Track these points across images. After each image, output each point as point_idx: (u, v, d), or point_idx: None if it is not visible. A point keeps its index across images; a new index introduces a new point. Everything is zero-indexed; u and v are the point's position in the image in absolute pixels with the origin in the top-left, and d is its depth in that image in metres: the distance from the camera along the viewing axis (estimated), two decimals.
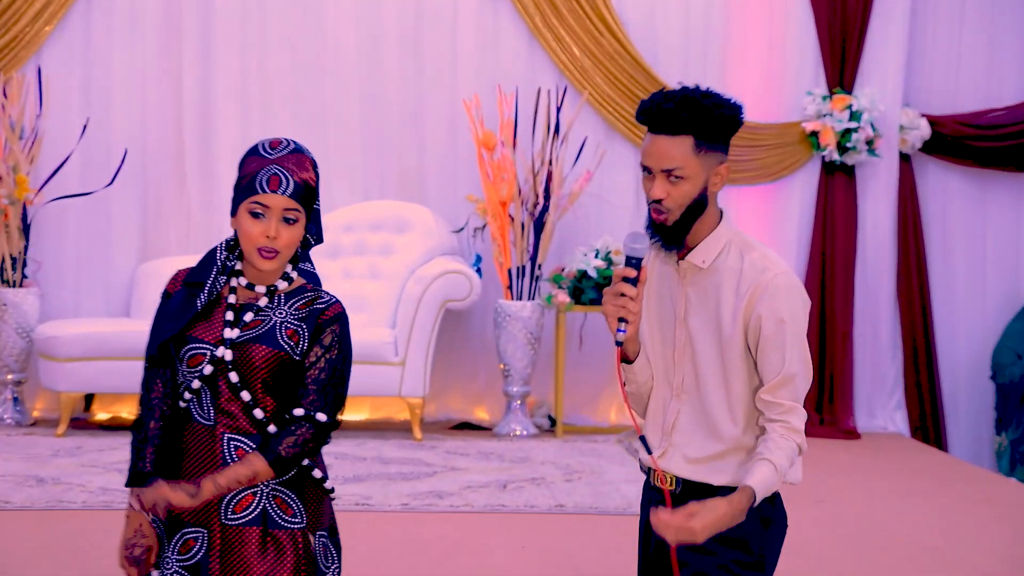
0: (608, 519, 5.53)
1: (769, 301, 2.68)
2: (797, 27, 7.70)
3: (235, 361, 2.70)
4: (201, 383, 2.72)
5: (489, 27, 7.62)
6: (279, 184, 2.69)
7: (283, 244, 2.71)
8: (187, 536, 2.74)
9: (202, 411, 2.74)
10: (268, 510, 2.73)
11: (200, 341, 2.73)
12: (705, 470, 2.77)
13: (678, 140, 2.70)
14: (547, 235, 7.23)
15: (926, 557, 5.23)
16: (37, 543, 5.01)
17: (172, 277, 2.85)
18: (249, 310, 2.76)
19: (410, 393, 7.02)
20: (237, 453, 2.71)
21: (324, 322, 2.75)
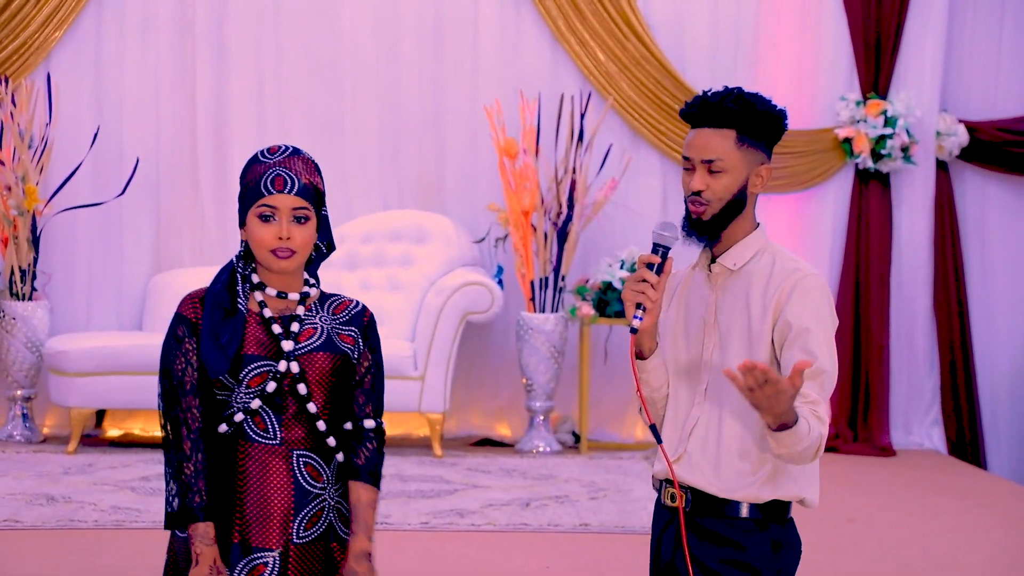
0: (635, 538, 5.47)
1: (798, 299, 2.70)
2: (830, 30, 7.63)
3: (302, 373, 2.71)
4: (261, 402, 2.70)
5: (511, 31, 7.58)
6: (284, 184, 2.70)
7: (297, 244, 2.71)
8: (256, 562, 2.70)
9: (264, 431, 2.72)
10: (333, 522, 2.76)
11: (259, 358, 2.70)
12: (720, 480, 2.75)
13: (721, 132, 2.76)
14: (571, 245, 7.16)
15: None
16: (48, 563, 4.98)
17: (187, 301, 2.76)
18: (292, 320, 2.75)
19: (430, 408, 6.96)
20: (307, 470, 2.72)
21: (369, 325, 2.82)
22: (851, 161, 7.61)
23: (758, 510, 2.73)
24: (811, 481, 2.77)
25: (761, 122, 2.75)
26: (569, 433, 7.46)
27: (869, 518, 5.99)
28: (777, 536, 2.75)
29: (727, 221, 2.77)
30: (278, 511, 2.70)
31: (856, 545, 5.51)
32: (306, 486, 2.72)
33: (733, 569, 2.73)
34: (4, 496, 5.86)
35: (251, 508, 2.69)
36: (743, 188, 2.76)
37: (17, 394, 7.11)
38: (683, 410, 2.81)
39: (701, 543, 2.75)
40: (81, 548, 5.17)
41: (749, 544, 2.72)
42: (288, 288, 2.78)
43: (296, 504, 2.71)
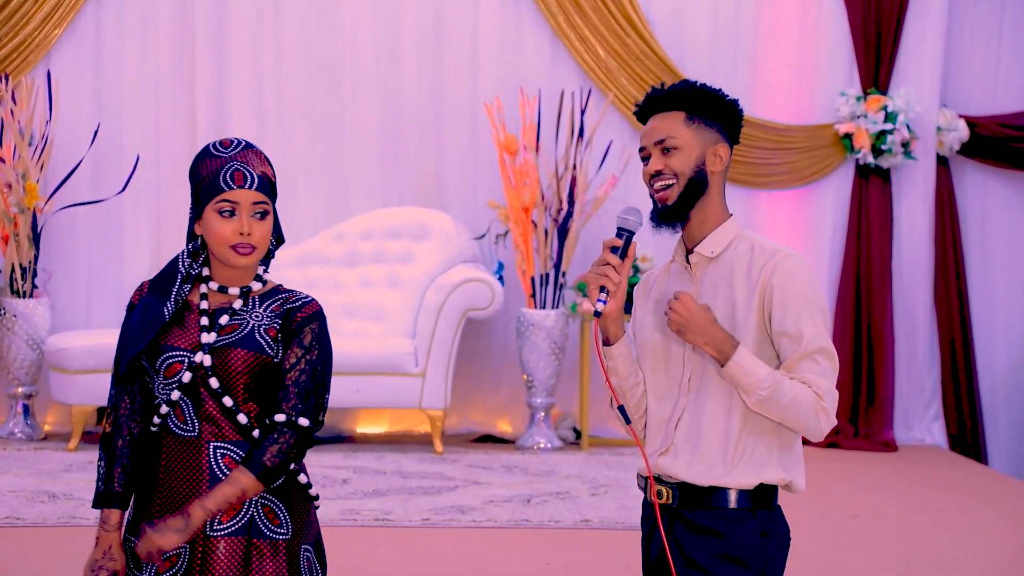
0: (635, 534, 5.30)
1: (782, 279, 2.69)
2: (830, 25, 7.61)
3: (215, 366, 2.66)
4: (181, 393, 2.67)
5: (511, 27, 7.56)
6: (244, 179, 2.68)
7: (257, 239, 2.69)
8: (169, 553, 2.65)
9: (183, 423, 2.69)
10: (255, 519, 2.68)
11: (176, 349, 2.68)
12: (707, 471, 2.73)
13: (669, 114, 2.79)
14: (571, 242, 7.14)
15: (964, 574, 5.12)
16: (50, 560, 4.97)
17: (137, 288, 2.80)
18: (224, 313, 2.72)
19: (431, 405, 6.94)
20: (224, 461, 2.67)
21: (302, 320, 2.71)
22: (851, 157, 7.59)
23: (745, 498, 2.71)
24: (796, 465, 2.76)
25: (708, 102, 2.76)
26: (570, 429, 7.45)
27: (871, 514, 5.98)
28: (765, 525, 2.73)
29: (692, 201, 2.75)
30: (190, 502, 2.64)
31: (858, 541, 5.50)
32: (222, 477, 2.66)
33: (722, 561, 2.70)
34: (5, 493, 5.84)
35: (165, 498, 2.67)
36: (701, 167, 2.75)
37: (18, 391, 7.10)
38: (668, 404, 2.79)
39: (689, 538, 2.73)
40: (82, 546, 5.08)
41: (736, 535, 2.70)
42: (234, 283, 2.75)
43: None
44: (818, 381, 2.65)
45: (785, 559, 2.79)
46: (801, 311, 2.67)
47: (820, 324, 2.68)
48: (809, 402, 2.64)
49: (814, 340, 2.67)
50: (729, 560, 2.70)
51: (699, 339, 2.67)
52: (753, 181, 7.57)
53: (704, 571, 2.71)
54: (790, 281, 2.68)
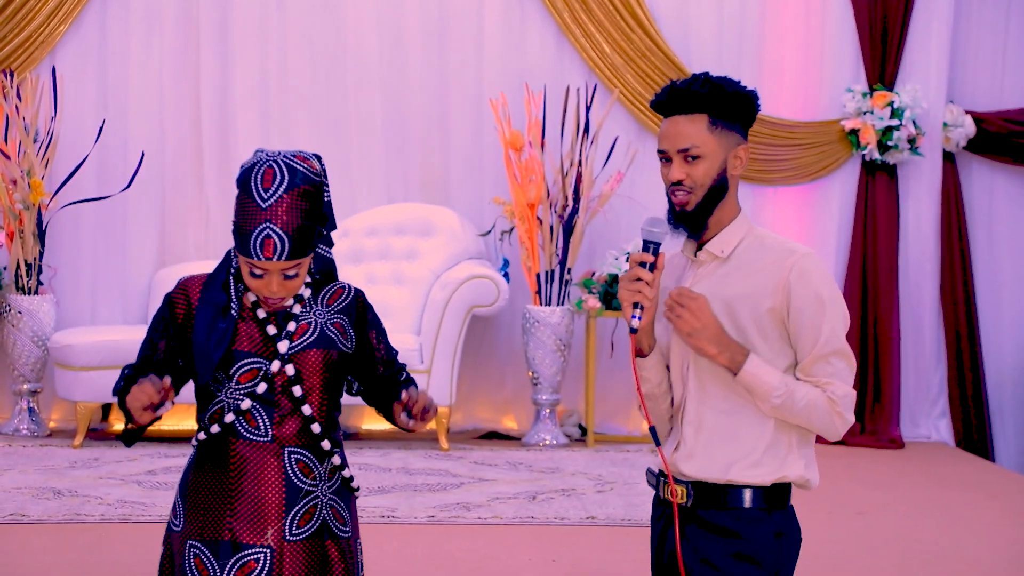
0: (641, 531, 5.35)
1: (800, 280, 2.67)
2: (836, 21, 7.59)
3: (297, 373, 2.67)
4: (252, 401, 2.66)
5: (516, 23, 7.55)
6: (274, 250, 2.60)
7: (287, 293, 2.68)
8: (247, 558, 2.66)
9: (255, 428, 2.68)
10: (327, 520, 2.72)
11: (250, 355, 2.67)
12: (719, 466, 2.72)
13: (693, 118, 2.73)
14: (577, 238, 7.13)
15: (971, 571, 5.11)
16: (55, 558, 4.96)
17: (179, 287, 2.75)
18: (289, 319, 2.71)
19: (436, 402, 6.84)
20: (298, 466, 2.69)
21: (363, 307, 2.80)
22: (858, 153, 7.57)
23: (761, 498, 2.70)
24: (812, 461, 2.75)
25: (732, 103, 2.72)
26: (575, 426, 7.44)
27: (878, 511, 5.96)
28: (779, 525, 2.72)
29: (712, 208, 2.74)
30: (269, 508, 2.66)
31: (865, 538, 5.49)
32: (297, 483, 2.68)
33: (737, 561, 2.69)
34: (10, 490, 5.84)
35: (241, 505, 2.66)
36: (723, 172, 2.73)
37: (23, 388, 7.10)
38: (679, 402, 2.79)
39: (704, 537, 2.72)
40: (87, 542, 5.15)
41: (752, 535, 2.69)
42: None
43: (287, 501, 2.67)
44: (833, 384, 2.66)
45: (795, 560, 2.78)
46: (818, 312, 2.67)
47: (837, 325, 2.69)
48: (823, 407, 2.65)
49: (829, 342, 2.67)
50: (744, 560, 2.69)
51: (711, 348, 2.67)
52: (759, 177, 7.56)
53: (718, 570, 2.70)
54: (808, 282, 2.67)
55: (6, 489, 5.86)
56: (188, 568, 2.68)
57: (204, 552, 2.68)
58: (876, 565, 5.14)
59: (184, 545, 2.69)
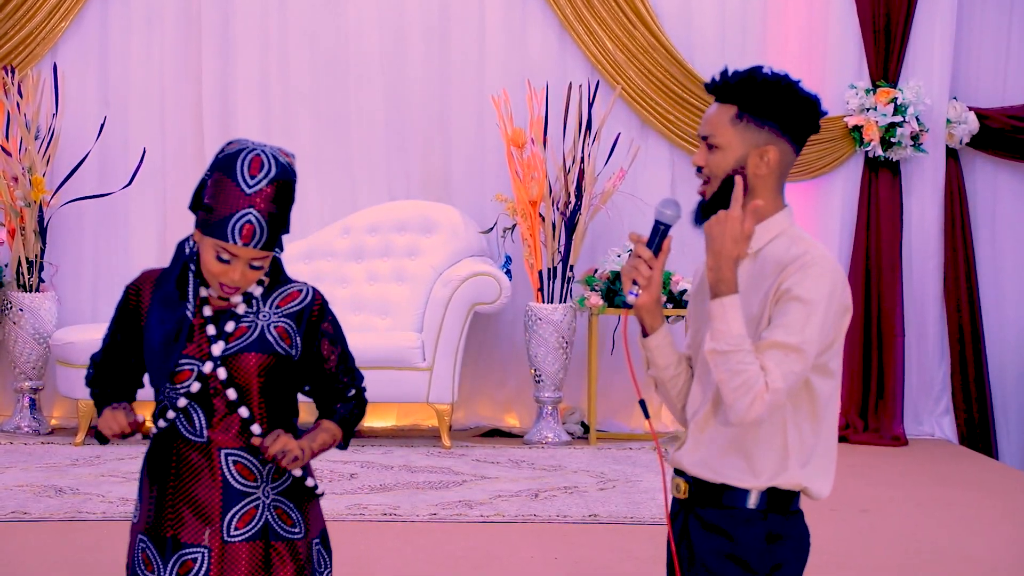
0: (644, 529, 5.45)
1: (794, 276, 2.58)
2: (838, 17, 7.58)
3: (229, 376, 2.63)
4: (188, 400, 2.65)
5: (518, 20, 7.54)
6: (252, 237, 2.58)
7: (245, 284, 2.64)
8: (185, 557, 2.66)
9: (192, 428, 2.67)
10: (269, 521, 2.69)
11: (185, 357, 2.64)
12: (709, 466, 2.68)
13: (723, 107, 2.67)
14: (579, 235, 7.12)
15: (974, 569, 5.10)
16: (56, 555, 4.97)
17: (137, 280, 2.74)
18: (228, 319, 2.66)
19: (438, 399, 6.93)
20: (236, 468, 2.66)
21: (318, 317, 2.73)
22: (861, 149, 7.55)
23: (758, 499, 2.64)
24: (819, 470, 2.66)
25: (762, 98, 2.61)
26: (578, 424, 7.42)
27: (881, 509, 5.96)
28: (776, 528, 2.65)
29: (724, 203, 2.64)
30: (206, 508, 2.65)
31: (868, 535, 5.48)
32: (235, 485, 2.66)
33: (727, 562, 2.64)
34: (12, 488, 5.84)
35: (180, 504, 2.66)
36: (740, 169, 2.63)
37: (25, 385, 7.10)
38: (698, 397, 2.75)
39: (700, 534, 2.68)
40: (88, 540, 5.15)
41: (741, 536, 2.64)
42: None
43: (224, 502, 2.66)
44: (776, 373, 2.53)
45: (802, 565, 2.70)
46: (797, 307, 2.57)
47: (812, 328, 2.56)
48: (750, 383, 2.52)
49: (793, 335, 2.55)
50: (733, 560, 2.65)
51: (712, 259, 2.58)
52: None
53: (709, 571, 2.66)
54: (800, 282, 2.58)
55: (7, 487, 5.86)
56: (136, 563, 2.71)
57: (150, 547, 2.70)
58: (879, 562, 5.13)
59: (135, 538, 2.73)
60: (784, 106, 2.63)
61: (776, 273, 2.62)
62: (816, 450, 2.66)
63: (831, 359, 2.65)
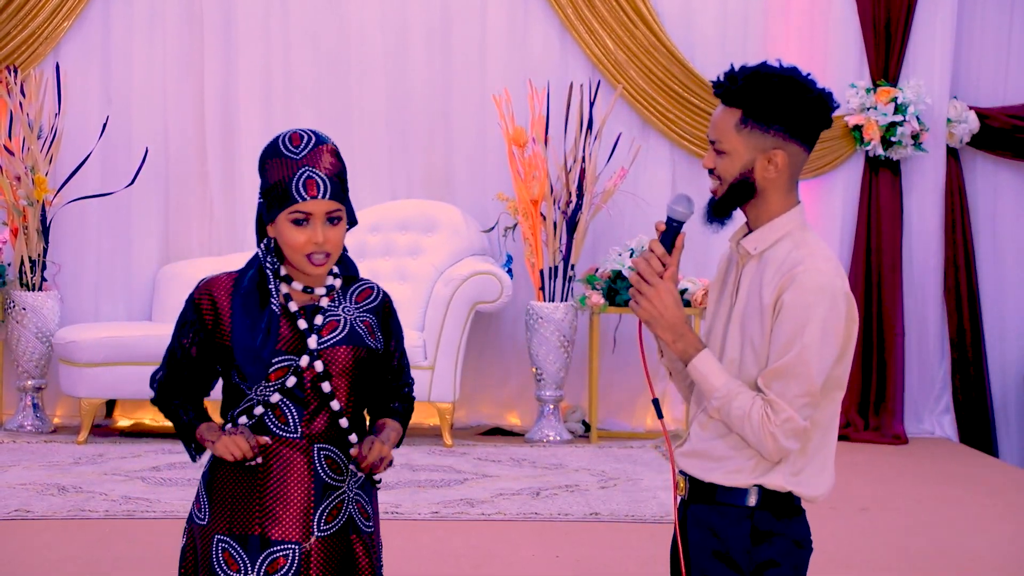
0: (645, 527, 5.45)
1: (789, 290, 2.54)
2: (839, 17, 7.57)
3: (326, 370, 2.66)
4: (281, 396, 2.66)
5: (519, 19, 7.54)
6: (317, 188, 2.62)
7: (332, 247, 2.65)
8: (276, 555, 2.66)
9: (284, 424, 2.68)
10: (353, 515, 2.72)
11: (280, 353, 2.65)
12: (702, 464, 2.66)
13: (728, 111, 2.63)
14: (580, 234, 7.12)
15: (974, 567, 5.10)
16: (59, 553, 4.97)
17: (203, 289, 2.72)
18: (316, 313, 2.69)
19: (439, 398, 6.93)
20: (326, 463, 2.68)
21: (389, 310, 2.80)
22: (861, 148, 7.55)
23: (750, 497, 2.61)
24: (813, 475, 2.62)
25: (769, 102, 2.55)
26: (579, 422, 7.42)
27: (882, 507, 5.96)
28: (764, 526, 2.62)
29: (734, 204, 2.63)
30: (298, 504, 2.66)
31: (868, 534, 5.48)
32: (326, 479, 2.68)
33: (715, 560, 2.63)
34: (15, 486, 5.84)
35: (270, 501, 2.66)
36: (747, 173, 2.60)
37: (28, 384, 7.09)
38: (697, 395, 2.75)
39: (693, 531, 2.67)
40: (91, 538, 5.15)
41: (727, 533, 2.62)
42: (314, 283, 2.72)
43: (316, 497, 2.67)
44: (777, 404, 2.53)
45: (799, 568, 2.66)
46: (797, 328, 2.53)
47: (812, 353, 2.53)
48: (756, 423, 2.53)
49: (787, 356, 2.53)
50: (719, 558, 2.63)
51: (668, 335, 2.61)
52: None
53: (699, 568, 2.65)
54: (799, 296, 2.54)
55: (11, 485, 5.86)
56: (217, 563, 2.67)
57: (233, 547, 2.67)
58: (879, 561, 5.13)
59: (211, 540, 2.69)
60: (791, 109, 2.58)
61: (776, 278, 2.59)
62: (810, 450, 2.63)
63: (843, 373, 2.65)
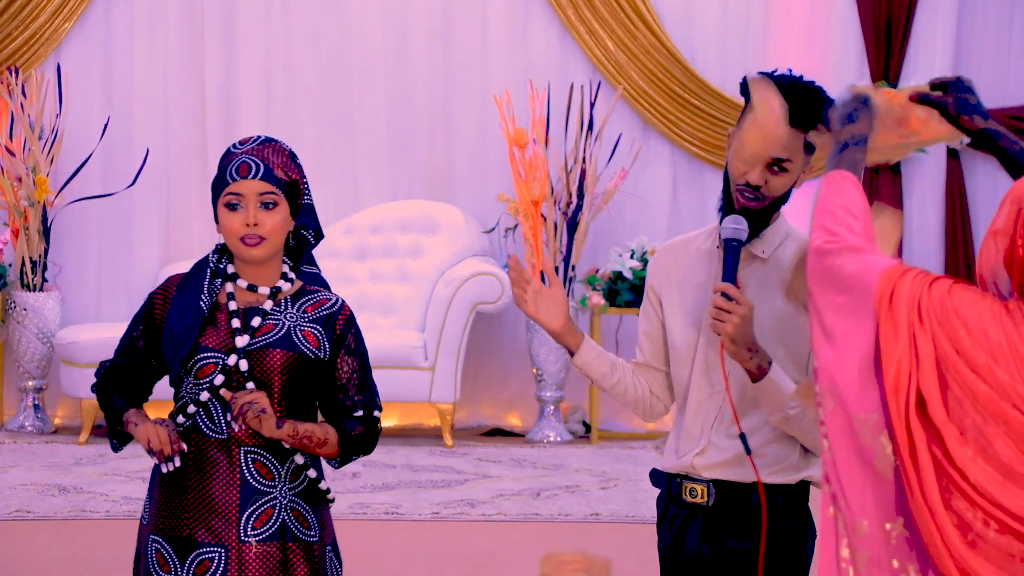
0: (645, 527, 5.37)
1: None
2: (839, 18, 7.56)
3: (251, 370, 2.63)
4: (210, 395, 2.64)
5: (520, 20, 7.53)
6: (248, 169, 2.64)
7: (266, 230, 2.64)
8: (202, 556, 2.65)
9: (214, 424, 2.66)
10: (286, 522, 2.67)
11: (209, 349, 2.64)
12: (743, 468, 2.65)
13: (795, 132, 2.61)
14: (581, 235, 7.12)
15: None
16: (60, 553, 4.98)
17: (162, 285, 2.75)
18: (256, 314, 2.67)
19: (440, 399, 6.92)
20: (255, 466, 2.65)
21: (344, 326, 2.73)
22: None
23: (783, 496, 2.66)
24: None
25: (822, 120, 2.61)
26: (579, 423, 7.41)
27: None
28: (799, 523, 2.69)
29: (772, 214, 2.67)
30: (223, 507, 2.64)
31: None
32: (253, 483, 2.65)
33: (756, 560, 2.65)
34: (16, 486, 5.84)
35: (197, 502, 2.65)
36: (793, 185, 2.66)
37: (28, 385, 7.09)
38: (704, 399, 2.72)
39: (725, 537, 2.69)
40: (92, 538, 5.16)
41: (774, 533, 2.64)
42: (261, 281, 2.72)
43: (241, 501, 2.64)
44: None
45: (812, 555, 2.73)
46: None
47: None
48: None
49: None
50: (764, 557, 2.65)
51: (746, 353, 2.57)
52: None
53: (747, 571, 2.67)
54: None
55: (11, 485, 5.86)
56: (150, 563, 2.68)
57: (165, 547, 2.68)
58: None
59: (147, 540, 2.71)
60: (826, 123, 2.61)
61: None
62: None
63: None
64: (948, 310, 1.94)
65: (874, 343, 1.97)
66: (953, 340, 1.93)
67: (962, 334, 1.93)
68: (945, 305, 1.94)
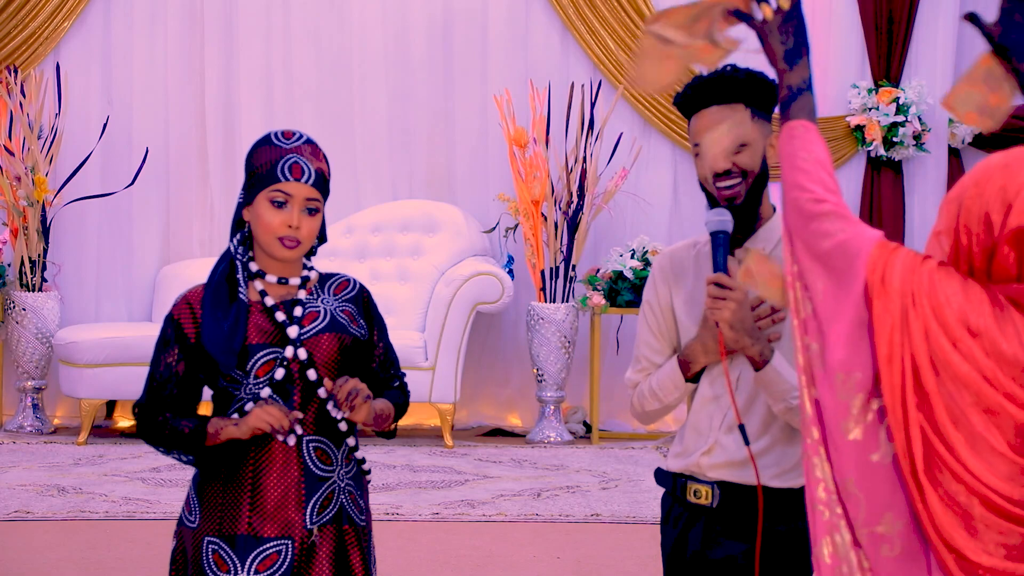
0: (646, 528, 5.45)
1: None
2: (841, 17, 7.56)
3: (310, 357, 2.65)
4: (271, 390, 2.65)
5: (520, 20, 7.54)
6: (302, 172, 2.65)
7: (305, 235, 2.68)
8: (267, 552, 2.65)
9: None
10: (344, 506, 2.72)
11: (264, 346, 2.65)
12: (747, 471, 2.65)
13: (733, 107, 2.66)
14: (581, 235, 7.12)
15: None
16: (59, 554, 4.97)
17: (180, 303, 2.72)
18: (295, 305, 2.70)
19: (440, 399, 6.93)
20: (316, 454, 2.68)
21: (370, 302, 2.81)
22: (863, 149, 7.54)
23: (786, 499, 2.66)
24: None
25: (767, 93, 2.67)
26: (580, 423, 7.42)
27: None
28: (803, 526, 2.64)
29: (759, 198, 2.67)
30: (288, 499, 2.66)
31: None
32: (315, 471, 2.68)
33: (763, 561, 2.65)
34: (15, 487, 5.85)
35: (259, 498, 2.66)
36: (764, 161, 2.67)
37: (27, 385, 7.10)
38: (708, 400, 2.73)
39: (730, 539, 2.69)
40: (91, 539, 5.15)
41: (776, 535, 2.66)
42: (288, 274, 2.74)
43: (307, 490, 2.67)
44: None
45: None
46: None
47: None
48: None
49: None
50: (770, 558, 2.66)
51: (746, 340, 2.59)
52: None
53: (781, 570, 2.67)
54: None
55: (11, 486, 5.87)
56: (207, 565, 2.66)
57: (223, 547, 2.66)
58: None
59: (201, 542, 2.68)
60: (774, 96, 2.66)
61: None
62: None
63: None
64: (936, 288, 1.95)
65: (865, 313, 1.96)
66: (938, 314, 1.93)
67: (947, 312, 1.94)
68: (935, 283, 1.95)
